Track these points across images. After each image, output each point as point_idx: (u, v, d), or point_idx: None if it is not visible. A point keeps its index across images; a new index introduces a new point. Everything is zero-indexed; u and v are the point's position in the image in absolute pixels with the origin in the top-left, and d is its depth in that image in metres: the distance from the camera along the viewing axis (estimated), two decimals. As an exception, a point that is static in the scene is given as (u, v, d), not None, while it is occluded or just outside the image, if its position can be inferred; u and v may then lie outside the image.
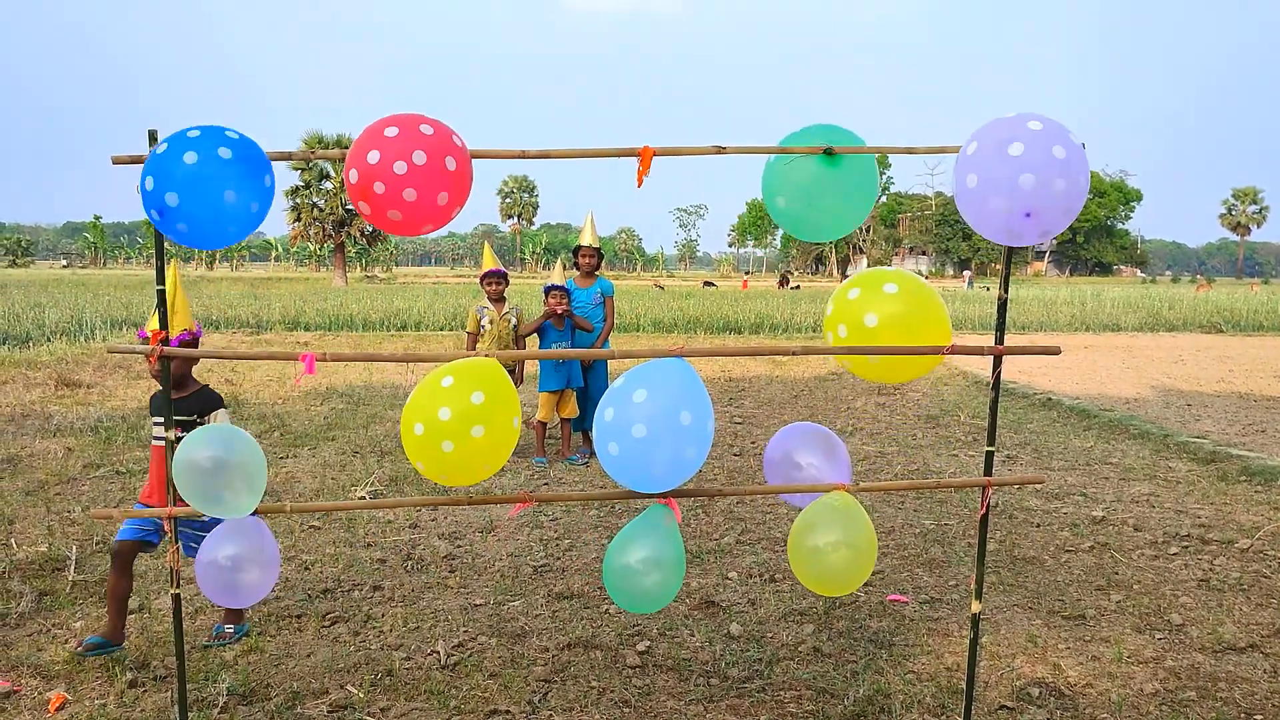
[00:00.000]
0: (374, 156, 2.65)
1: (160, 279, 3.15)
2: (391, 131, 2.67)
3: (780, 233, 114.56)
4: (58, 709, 3.60)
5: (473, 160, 2.86)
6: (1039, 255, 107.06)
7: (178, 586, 3.25)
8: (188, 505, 3.00)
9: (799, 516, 3.20)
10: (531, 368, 8.59)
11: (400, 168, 2.65)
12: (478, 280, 9.03)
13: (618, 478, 2.96)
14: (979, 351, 3.18)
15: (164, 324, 3.16)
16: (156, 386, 3.87)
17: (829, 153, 2.91)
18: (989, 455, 3.29)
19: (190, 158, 2.67)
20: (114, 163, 2.96)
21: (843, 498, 3.17)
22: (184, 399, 4.17)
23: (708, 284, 57.65)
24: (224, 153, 2.70)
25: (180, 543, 3.36)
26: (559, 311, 7.85)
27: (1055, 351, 3.31)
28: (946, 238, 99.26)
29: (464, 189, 2.81)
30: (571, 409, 8.17)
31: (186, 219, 2.70)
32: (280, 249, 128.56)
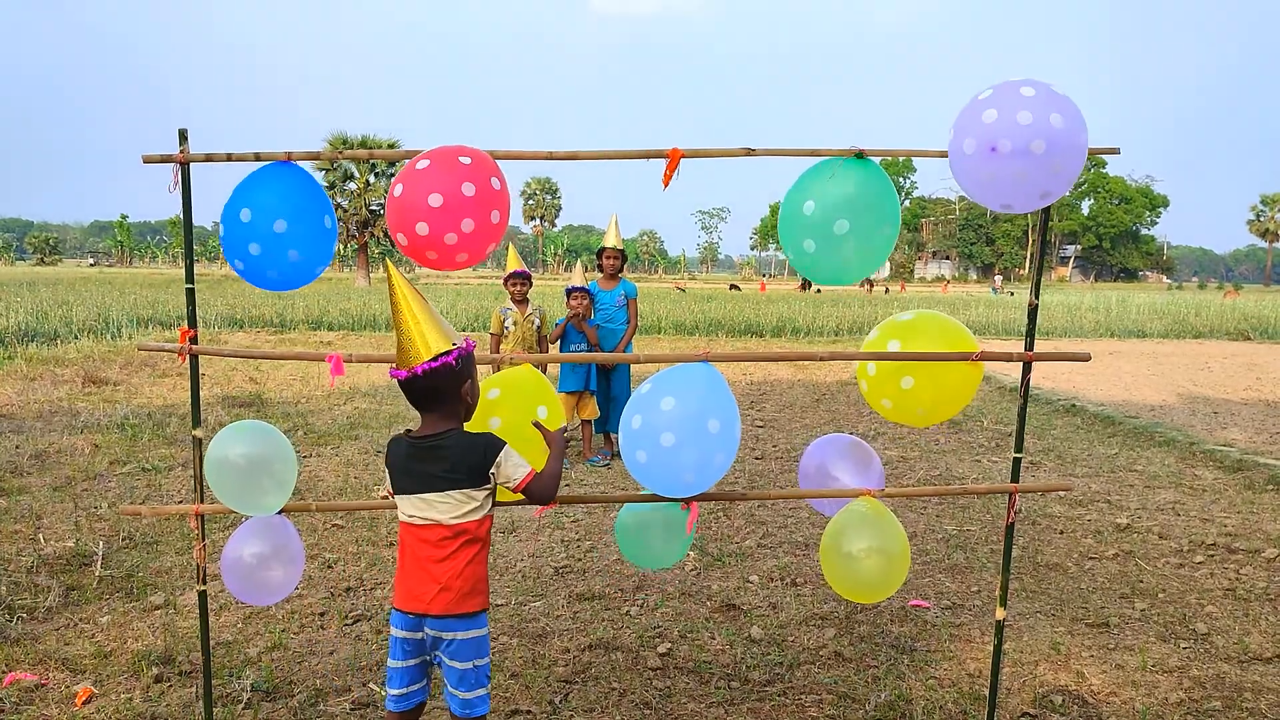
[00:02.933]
0: (423, 228, 2.72)
1: (189, 277, 3.18)
2: (436, 200, 2.71)
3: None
4: (84, 703, 3.64)
5: (498, 161, 2.88)
6: (1064, 261, 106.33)
7: (204, 583, 3.28)
8: (217, 502, 3.02)
9: (830, 523, 3.20)
10: (552, 369, 8.58)
11: (450, 239, 2.75)
12: (501, 282, 9.05)
13: (647, 484, 2.97)
14: (1008, 358, 3.16)
15: (192, 321, 3.18)
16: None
17: (860, 155, 2.90)
18: (1016, 462, 3.27)
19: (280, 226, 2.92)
20: (144, 161, 3.00)
21: (871, 504, 3.16)
22: (440, 440, 2.80)
23: (733, 287, 57.61)
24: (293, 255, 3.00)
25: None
26: (580, 312, 7.87)
27: (1085, 358, 3.28)
28: (970, 242, 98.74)
29: (502, 227, 2.90)
30: (592, 410, 8.17)
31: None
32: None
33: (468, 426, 2.89)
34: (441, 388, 2.75)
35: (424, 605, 2.72)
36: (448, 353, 2.72)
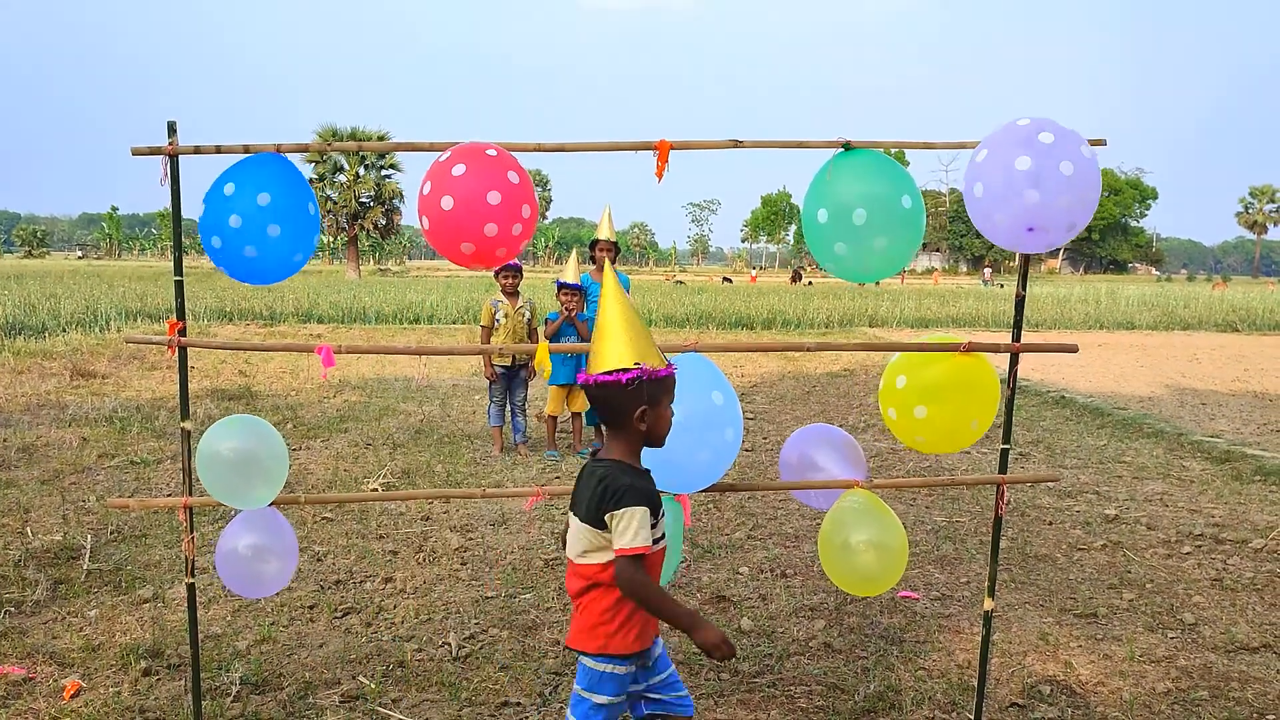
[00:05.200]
0: (491, 229, 2.74)
1: (178, 269, 3.17)
2: (495, 198, 2.72)
3: (794, 228, 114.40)
4: (72, 696, 3.63)
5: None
6: (1053, 253, 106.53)
7: (192, 576, 3.28)
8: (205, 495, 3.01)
9: (827, 516, 3.21)
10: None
11: (517, 229, 2.80)
12: (492, 274, 9.03)
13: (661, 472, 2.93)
14: (996, 349, 3.17)
15: (180, 314, 3.16)
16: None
17: (847, 147, 2.90)
18: (1004, 453, 3.29)
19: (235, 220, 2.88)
20: (133, 154, 2.98)
21: (868, 496, 3.18)
22: (597, 466, 2.62)
23: (726, 280, 57.45)
24: (273, 231, 2.92)
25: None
26: (572, 311, 7.88)
27: (1073, 349, 3.29)
28: (960, 234, 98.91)
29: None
30: (582, 403, 8.17)
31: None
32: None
33: None
34: (613, 405, 2.55)
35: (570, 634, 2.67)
36: (625, 370, 2.50)
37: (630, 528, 2.45)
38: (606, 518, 2.48)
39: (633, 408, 2.52)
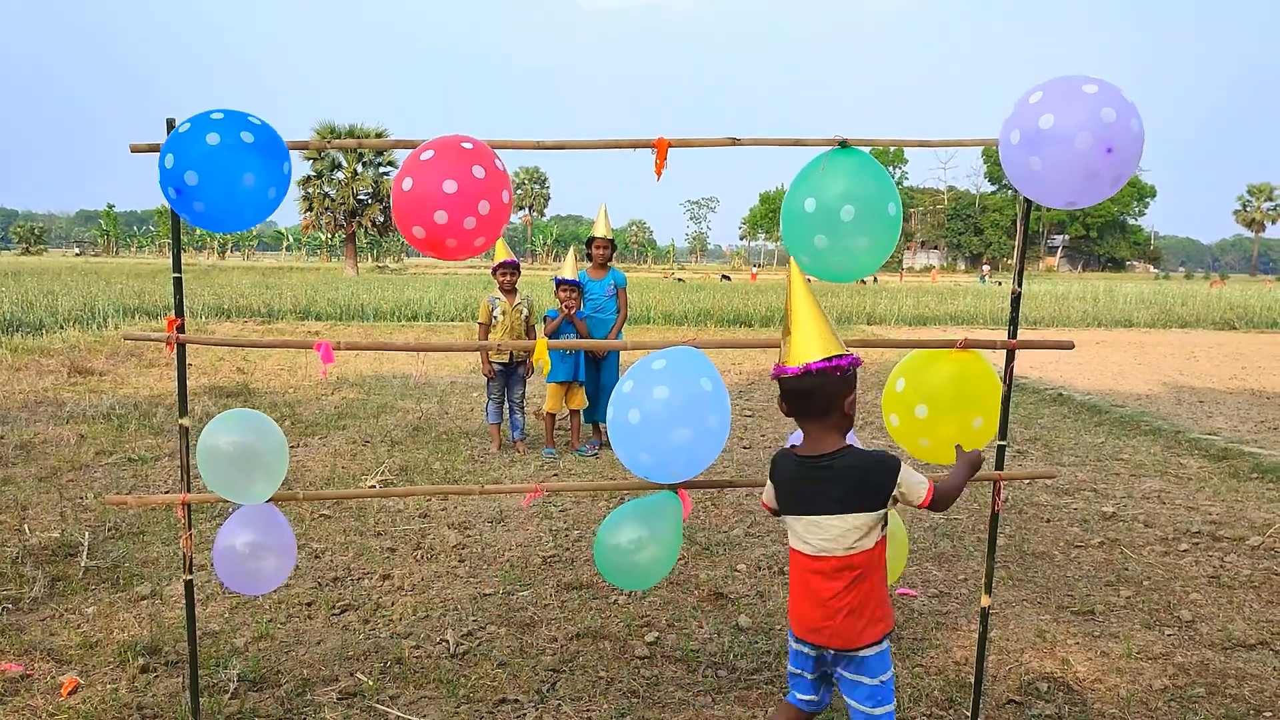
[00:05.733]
0: (441, 216, 2.68)
1: (176, 266, 3.16)
2: (451, 186, 2.70)
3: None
4: (70, 693, 3.63)
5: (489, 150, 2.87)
6: (1051, 250, 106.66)
7: (190, 573, 3.28)
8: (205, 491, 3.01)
9: None
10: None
11: (470, 223, 2.73)
12: (489, 272, 9.03)
13: (631, 461, 2.93)
14: (992, 345, 3.17)
15: (178, 310, 3.16)
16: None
17: (843, 145, 2.90)
18: (1001, 450, 3.29)
19: (213, 139, 2.69)
20: (132, 150, 2.98)
21: None
22: (835, 460, 2.65)
23: (724, 278, 57.25)
24: (246, 137, 2.72)
25: None
26: (570, 309, 7.89)
27: (1069, 346, 3.30)
28: (958, 232, 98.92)
29: (510, 206, 2.89)
30: (580, 400, 8.17)
31: (204, 199, 2.72)
32: (292, 239, 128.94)
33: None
34: (828, 393, 2.59)
35: (823, 639, 2.63)
36: (840, 357, 2.58)
37: (912, 477, 2.60)
38: (896, 491, 2.58)
39: (844, 394, 2.62)
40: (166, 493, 6.38)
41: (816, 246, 2.89)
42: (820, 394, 2.59)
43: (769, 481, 2.80)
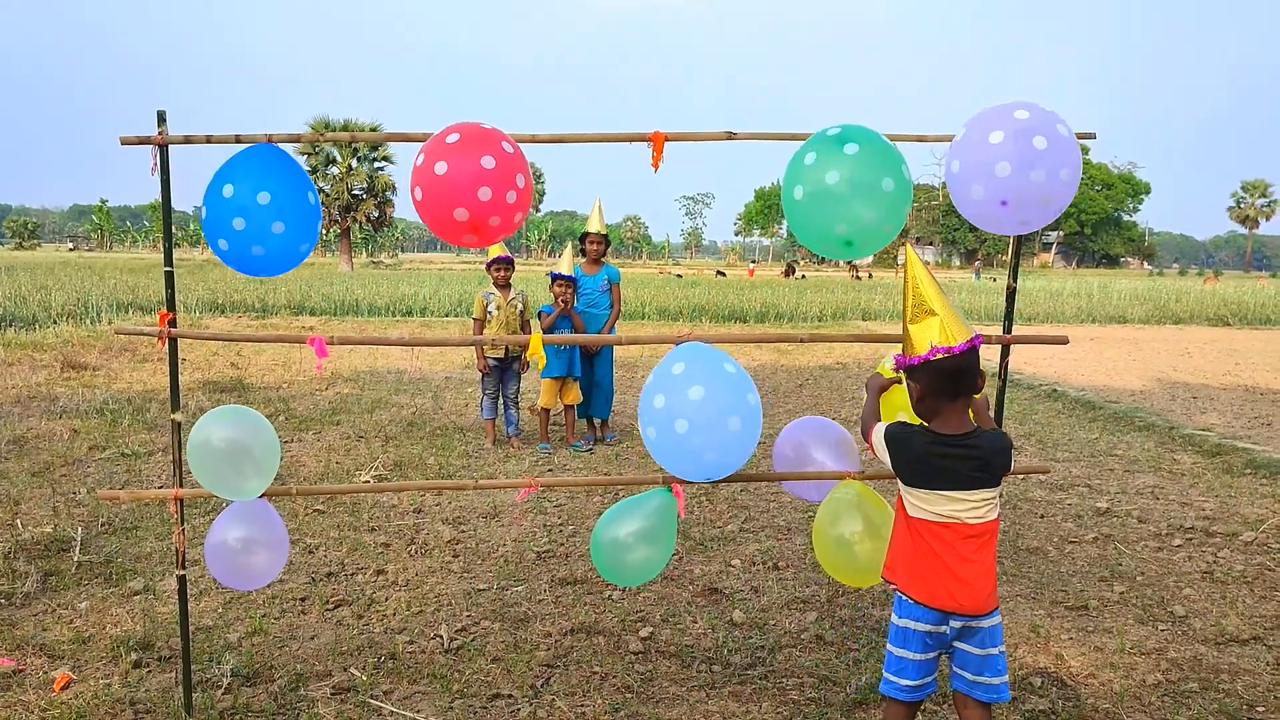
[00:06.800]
0: (485, 193, 2.69)
1: (168, 259, 3.15)
2: (489, 162, 2.70)
3: (787, 223, 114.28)
4: (63, 688, 3.62)
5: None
6: (1046, 247, 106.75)
7: (183, 568, 3.27)
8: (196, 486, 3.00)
9: (821, 507, 3.22)
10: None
11: (511, 197, 2.76)
12: (484, 267, 9.02)
13: (697, 467, 2.95)
14: (987, 340, 3.17)
15: (171, 305, 3.15)
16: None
17: (840, 140, 2.89)
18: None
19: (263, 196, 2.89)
20: (122, 143, 2.96)
21: (861, 488, 3.18)
22: (973, 438, 2.72)
23: (719, 274, 57.19)
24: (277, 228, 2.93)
25: None
26: (567, 303, 7.88)
27: (1063, 341, 3.30)
28: (953, 228, 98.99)
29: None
30: (575, 395, 8.16)
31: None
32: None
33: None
34: (975, 369, 2.70)
35: (955, 603, 2.67)
36: (977, 335, 2.70)
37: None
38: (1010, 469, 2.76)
39: (979, 371, 2.72)
40: (160, 488, 6.36)
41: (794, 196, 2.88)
42: (972, 370, 2.68)
43: (889, 445, 2.79)
